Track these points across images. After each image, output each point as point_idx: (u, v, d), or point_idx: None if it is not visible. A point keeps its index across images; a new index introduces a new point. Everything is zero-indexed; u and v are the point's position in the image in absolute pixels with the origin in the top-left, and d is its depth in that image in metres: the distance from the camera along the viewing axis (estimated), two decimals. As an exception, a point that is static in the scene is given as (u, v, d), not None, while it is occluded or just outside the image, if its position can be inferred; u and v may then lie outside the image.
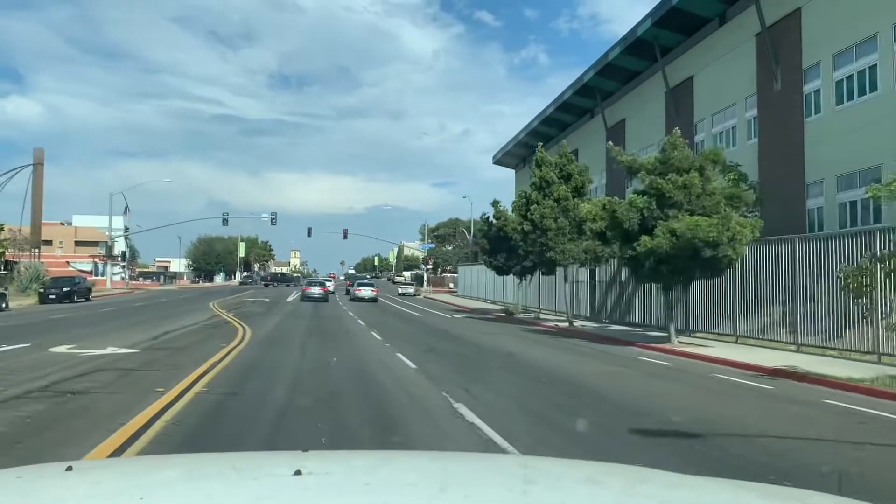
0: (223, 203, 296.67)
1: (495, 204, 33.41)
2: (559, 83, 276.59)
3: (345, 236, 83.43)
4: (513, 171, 64.43)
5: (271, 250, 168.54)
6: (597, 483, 1.81)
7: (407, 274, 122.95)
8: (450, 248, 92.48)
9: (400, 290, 62.89)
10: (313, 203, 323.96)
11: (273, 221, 64.40)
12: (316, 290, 44.93)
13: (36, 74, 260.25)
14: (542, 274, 33.44)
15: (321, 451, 2.78)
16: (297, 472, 1.60)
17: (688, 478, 1.99)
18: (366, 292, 50.64)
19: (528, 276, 34.23)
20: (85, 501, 1.54)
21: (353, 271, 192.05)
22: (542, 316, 30.94)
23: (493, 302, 46.25)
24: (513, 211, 27.10)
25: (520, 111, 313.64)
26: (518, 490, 1.66)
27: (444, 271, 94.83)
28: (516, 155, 59.86)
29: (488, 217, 34.33)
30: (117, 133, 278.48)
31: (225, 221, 64.03)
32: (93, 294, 50.23)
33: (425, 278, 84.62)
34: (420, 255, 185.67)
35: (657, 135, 35.20)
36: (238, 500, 1.54)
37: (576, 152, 48.68)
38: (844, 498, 1.90)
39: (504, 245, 32.68)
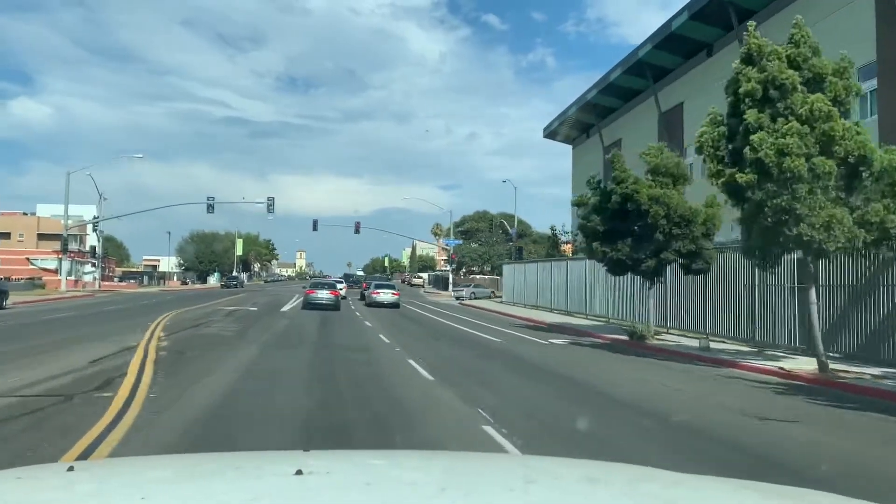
0: (229, 205, 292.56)
1: (616, 160, 20.72)
2: (565, 85, 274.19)
3: (356, 230, 71.07)
4: (569, 147, 51.72)
5: (274, 249, 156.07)
6: (597, 482, 1.78)
7: (424, 276, 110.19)
8: (476, 244, 79.66)
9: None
10: (319, 205, 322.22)
11: (270, 209, 51.96)
12: (323, 295, 32.38)
13: (44, 76, 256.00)
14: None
15: (323, 450, 2.63)
16: (299, 472, 1.56)
17: (689, 477, 1.93)
18: (385, 296, 38.30)
19: (642, 276, 21.51)
20: (86, 501, 1.52)
21: (361, 273, 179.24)
22: (711, 346, 18.09)
23: (568, 313, 33.44)
24: (702, 153, 14.21)
25: (525, 114, 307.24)
26: (519, 489, 1.64)
27: (469, 272, 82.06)
28: (577, 124, 47.15)
29: (599, 181, 21.78)
30: (125, 134, 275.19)
31: (210, 208, 51.54)
32: (34, 297, 37.94)
33: (450, 280, 71.89)
34: (436, 254, 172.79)
35: (863, 53, 22.42)
36: (239, 499, 1.51)
37: (680, 107, 36.12)
38: (845, 497, 1.81)
39: (629, 225, 20.06)
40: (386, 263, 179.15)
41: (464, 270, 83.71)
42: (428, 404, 8.75)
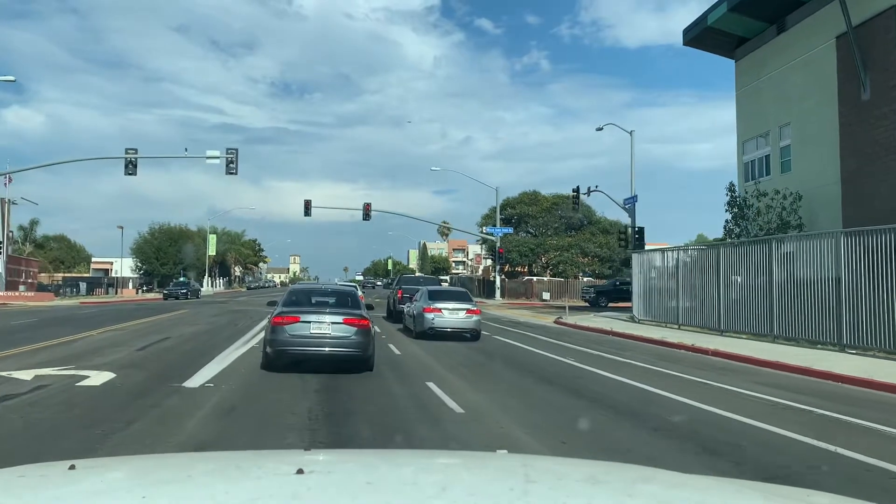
0: (223, 212, 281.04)
1: None
2: (560, 89, 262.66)
3: (366, 214, 50.90)
4: (727, 63, 31.27)
5: (261, 251, 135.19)
6: (598, 482, 1.76)
7: (446, 279, 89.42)
8: (525, 234, 59.11)
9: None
10: (315, 211, 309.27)
11: (231, 167, 31.41)
12: (326, 330, 10.99)
13: (37, 84, 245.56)
14: None
15: (323, 450, 2.49)
16: (300, 471, 1.54)
17: (690, 477, 1.92)
18: (455, 316, 18.48)
19: None
20: (87, 500, 1.50)
21: (360, 277, 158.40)
22: None
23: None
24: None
25: (521, 118, 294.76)
26: (519, 489, 1.59)
27: (511, 272, 61.65)
28: (763, 6, 26.73)
29: None
30: (119, 142, 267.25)
31: (130, 166, 31.10)
32: None
33: (497, 284, 51.36)
34: (447, 254, 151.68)
35: None
36: (239, 498, 1.49)
37: None
38: (847, 497, 1.81)
39: None
40: (389, 266, 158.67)
41: (505, 270, 63.14)
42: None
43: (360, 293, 14.98)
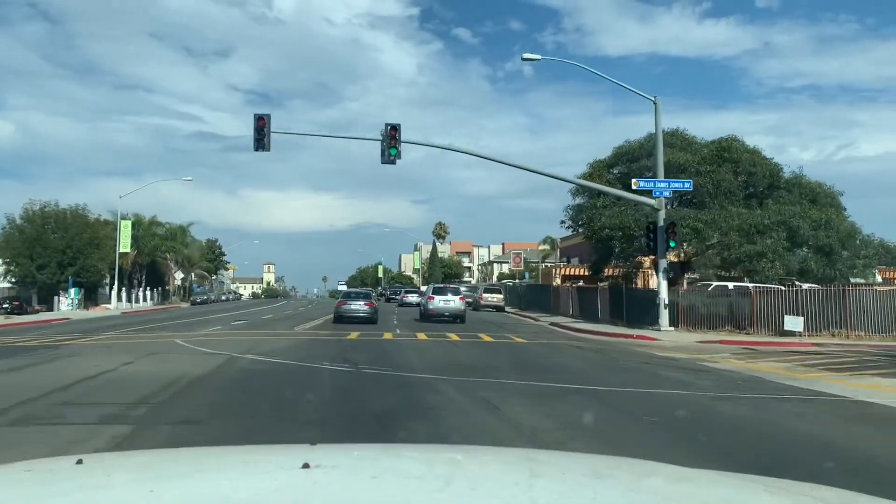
0: (198, 222, 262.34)
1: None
2: (542, 97, 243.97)
3: (387, 149, 23.78)
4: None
5: (223, 255, 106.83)
6: (603, 476, 1.75)
7: (480, 286, 62.39)
8: (688, 205, 31.64)
9: None
10: (293, 221, 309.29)
11: None
12: (357, 306, 28.94)
13: (6, 92, 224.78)
14: None
15: (329, 444, 2.56)
16: (305, 466, 1.55)
17: (693, 471, 1.94)
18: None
19: None
20: (95, 493, 1.51)
21: (343, 287, 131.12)
22: None
23: None
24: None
25: (503, 125, 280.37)
26: (524, 483, 1.60)
27: (618, 272, 34.72)
28: None
29: None
30: (93, 151, 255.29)
31: None
32: None
33: (664, 296, 24.36)
34: (451, 255, 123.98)
35: None
36: (246, 492, 1.50)
37: None
38: (850, 492, 1.81)
39: None
40: (380, 273, 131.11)
41: (609, 270, 36.06)
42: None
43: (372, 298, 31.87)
